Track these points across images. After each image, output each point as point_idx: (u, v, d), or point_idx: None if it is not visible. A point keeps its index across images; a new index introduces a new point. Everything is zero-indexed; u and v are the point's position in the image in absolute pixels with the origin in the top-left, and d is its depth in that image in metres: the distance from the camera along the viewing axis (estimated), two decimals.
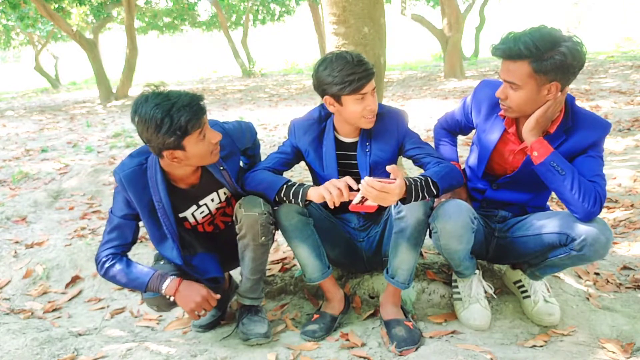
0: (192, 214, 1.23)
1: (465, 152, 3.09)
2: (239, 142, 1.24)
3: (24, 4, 7.25)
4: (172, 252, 1.18)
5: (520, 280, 1.29)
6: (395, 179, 1.03)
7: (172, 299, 1.14)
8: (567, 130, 1.11)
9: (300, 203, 1.14)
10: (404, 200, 1.07)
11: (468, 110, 1.27)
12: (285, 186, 1.15)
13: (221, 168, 1.18)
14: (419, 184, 1.07)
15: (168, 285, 1.14)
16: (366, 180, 1.02)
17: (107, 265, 1.16)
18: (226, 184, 1.20)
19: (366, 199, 1.04)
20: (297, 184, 1.16)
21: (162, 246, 1.19)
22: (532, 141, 1.08)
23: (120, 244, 1.18)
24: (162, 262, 1.22)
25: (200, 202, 1.22)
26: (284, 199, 1.16)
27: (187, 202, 1.21)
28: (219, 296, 1.19)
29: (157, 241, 1.19)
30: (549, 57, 1.00)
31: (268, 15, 12.53)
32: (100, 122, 5.61)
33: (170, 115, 1.02)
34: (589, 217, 1.05)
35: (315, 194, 1.11)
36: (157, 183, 1.13)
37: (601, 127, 1.11)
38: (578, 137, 1.10)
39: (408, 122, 1.25)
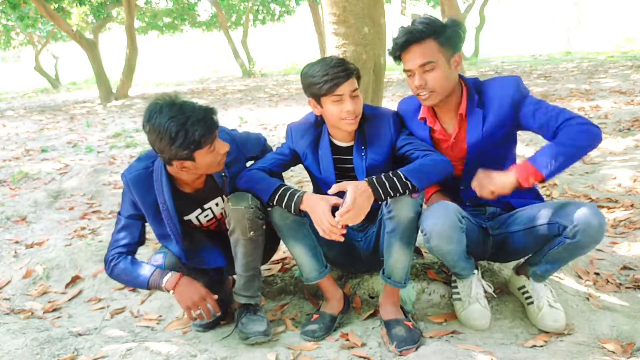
0: (197, 217, 1.26)
1: None
2: (245, 149, 1.27)
3: (24, 4, 7.25)
4: (175, 250, 1.21)
5: (524, 286, 1.29)
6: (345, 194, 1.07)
7: (171, 292, 1.16)
8: (479, 104, 1.15)
9: (293, 213, 1.16)
10: (379, 200, 1.08)
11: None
12: (278, 194, 1.15)
13: (223, 174, 1.21)
14: (382, 179, 1.08)
15: (168, 279, 1.16)
16: (334, 218, 1.08)
17: (112, 264, 1.19)
18: (225, 190, 1.22)
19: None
20: (290, 192, 1.15)
21: (166, 243, 1.22)
22: (513, 180, 1.07)
23: (127, 243, 1.21)
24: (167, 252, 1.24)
25: (205, 206, 1.25)
26: (276, 204, 1.16)
27: (192, 206, 1.24)
28: (216, 297, 1.19)
29: (161, 238, 1.22)
30: (445, 28, 1.11)
31: (268, 15, 12.54)
32: (100, 122, 5.62)
33: (185, 129, 1.04)
34: (600, 135, 1.05)
35: (310, 210, 1.13)
36: (162, 186, 1.16)
37: (510, 82, 1.14)
38: (496, 103, 1.15)
39: (402, 121, 1.25)
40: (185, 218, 1.24)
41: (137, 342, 1.21)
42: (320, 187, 1.32)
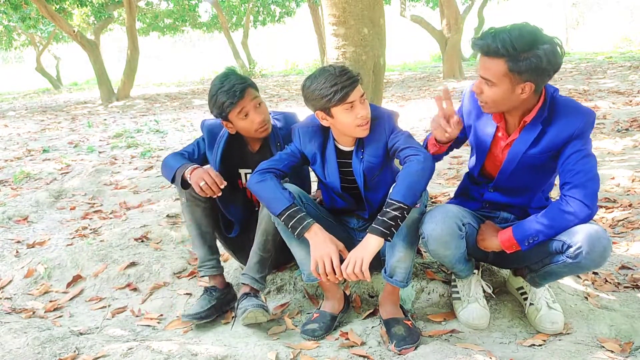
0: (246, 175, 1.44)
1: (465, 153, 3.10)
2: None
3: (26, 5, 7.28)
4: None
5: (522, 287, 1.29)
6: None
7: (188, 177, 1.29)
8: (544, 121, 1.10)
9: (296, 237, 1.17)
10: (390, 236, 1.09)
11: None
12: (286, 213, 1.15)
13: (277, 144, 1.37)
14: (388, 221, 1.07)
15: (190, 168, 1.30)
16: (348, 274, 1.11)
17: (167, 154, 1.41)
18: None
19: None
20: (298, 217, 1.14)
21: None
22: (497, 244, 1.12)
23: (191, 152, 1.41)
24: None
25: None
26: (282, 222, 1.16)
27: (246, 163, 1.41)
28: (223, 183, 1.27)
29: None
30: (524, 58, 0.99)
31: (268, 16, 12.57)
32: (102, 123, 5.63)
33: (216, 96, 1.29)
34: (587, 220, 1.06)
35: (312, 245, 1.14)
36: (223, 134, 1.39)
37: (581, 115, 1.07)
38: (556, 128, 1.08)
39: (397, 121, 1.24)
40: (241, 171, 1.44)
41: (138, 341, 1.22)
42: (327, 190, 1.32)
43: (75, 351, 1.18)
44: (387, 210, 1.08)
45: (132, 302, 1.53)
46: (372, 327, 1.26)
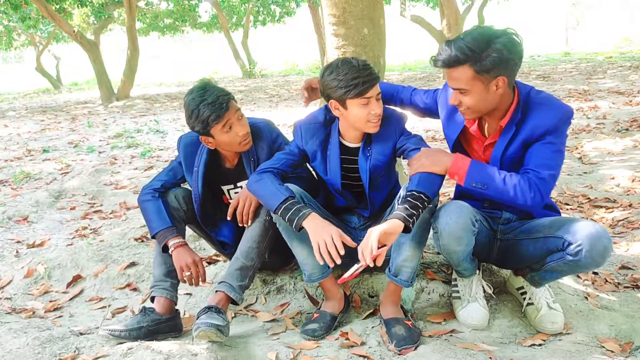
0: (228, 191, 1.40)
1: None
2: (273, 143, 1.36)
3: (26, 5, 7.28)
4: (195, 209, 1.34)
5: (522, 287, 1.29)
6: (384, 245, 1.06)
7: (170, 251, 1.26)
8: (518, 122, 1.11)
9: (295, 229, 1.14)
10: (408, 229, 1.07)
11: (435, 103, 1.29)
12: (283, 206, 1.13)
13: (252, 159, 1.31)
14: (411, 210, 1.06)
15: (175, 241, 1.26)
16: (365, 260, 1.05)
17: (145, 195, 1.32)
18: (248, 173, 1.32)
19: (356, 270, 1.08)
20: (294, 208, 1.12)
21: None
22: (446, 164, 1.10)
23: (167, 180, 1.36)
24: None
25: (238, 184, 1.37)
26: (281, 217, 1.15)
27: (227, 180, 1.37)
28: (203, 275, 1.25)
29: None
30: (486, 56, 1.02)
31: (268, 16, 12.58)
32: (102, 123, 5.63)
33: (198, 109, 1.21)
34: (532, 208, 1.07)
35: (311, 230, 1.10)
36: (202, 154, 1.33)
37: (555, 111, 1.08)
38: (530, 125, 1.09)
39: (406, 122, 1.26)
40: (223, 187, 1.39)
41: (138, 341, 1.22)
42: (327, 188, 1.32)
43: (75, 351, 1.18)
44: (408, 199, 1.08)
45: (132, 301, 1.52)
46: (372, 327, 1.26)
